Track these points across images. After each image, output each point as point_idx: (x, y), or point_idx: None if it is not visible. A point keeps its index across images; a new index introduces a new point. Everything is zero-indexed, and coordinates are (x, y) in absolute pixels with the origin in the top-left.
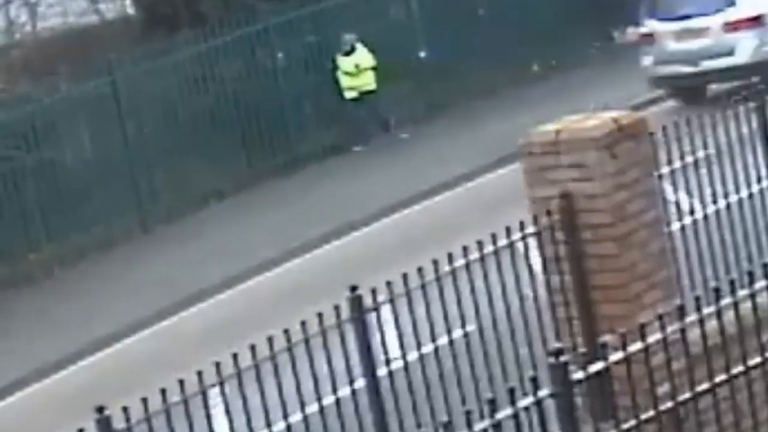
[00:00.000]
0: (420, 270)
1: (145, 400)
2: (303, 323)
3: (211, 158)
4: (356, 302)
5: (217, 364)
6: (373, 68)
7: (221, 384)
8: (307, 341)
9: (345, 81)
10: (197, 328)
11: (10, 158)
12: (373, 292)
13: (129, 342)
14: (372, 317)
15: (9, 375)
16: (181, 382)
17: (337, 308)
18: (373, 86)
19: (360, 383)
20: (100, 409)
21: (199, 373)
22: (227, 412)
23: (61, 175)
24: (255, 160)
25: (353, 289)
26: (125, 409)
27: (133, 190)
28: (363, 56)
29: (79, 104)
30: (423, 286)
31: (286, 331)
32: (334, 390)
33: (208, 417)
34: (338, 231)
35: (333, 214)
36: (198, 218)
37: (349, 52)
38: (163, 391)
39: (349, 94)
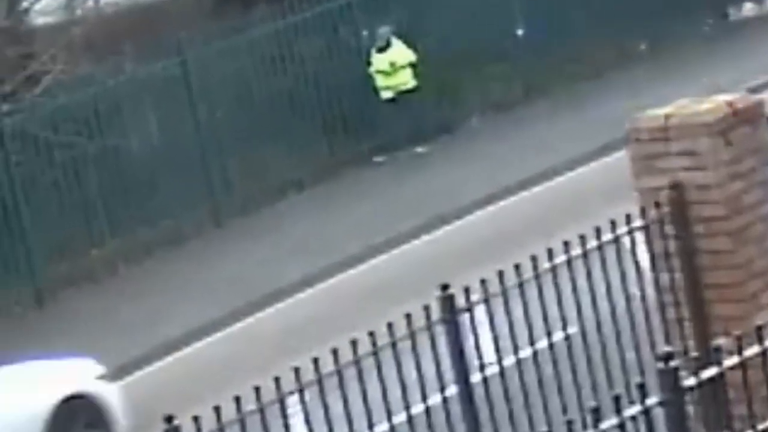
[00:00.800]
0: (517, 267)
1: (217, 409)
2: (390, 325)
3: (289, 145)
4: (448, 302)
5: (296, 370)
6: (412, 65)
7: (301, 391)
8: (394, 345)
9: (379, 80)
10: (274, 330)
11: (71, 145)
12: (466, 291)
13: (200, 345)
14: (465, 318)
15: None
16: (257, 389)
17: (426, 309)
18: (411, 84)
19: (452, 390)
20: (169, 419)
21: (277, 379)
22: (307, 421)
23: (126, 164)
24: (337, 147)
25: (444, 287)
26: (196, 419)
27: (205, 181)
28: (399, 52)
29: (146, 87)
30: (520, 285)
31: (371, 334)
32: (424, 398)
33: (287, 427)
34: (428, 225)
35: (422, 206)
36: (275, 211)
37: (383, 48)
38: (237, 399)
39: (385, 95)
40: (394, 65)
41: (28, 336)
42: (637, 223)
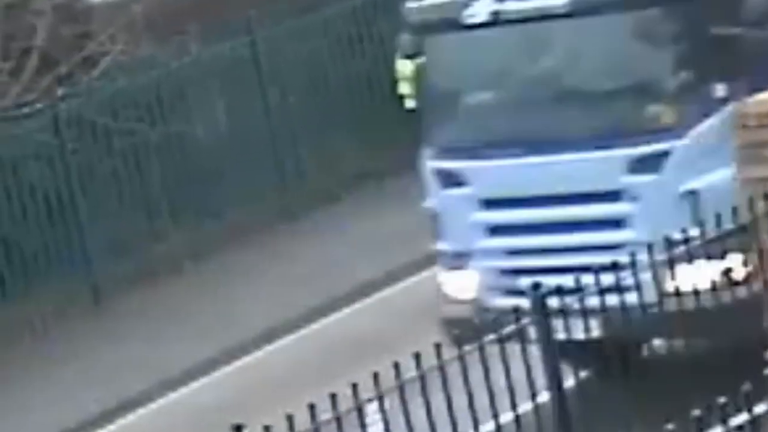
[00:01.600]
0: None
1: (290, 418)
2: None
3: (367, 132)
4: (539, 301)
5: (375, 375)
6: None
7: (380, 398)
8: (481, 348)
9: (403, 87)
10: (351, 333)
11: (132, 132)
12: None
13: (271, 349)
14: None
15: (129, 388)
16: (333, 397)
17: (516, 310)
18: None
19: (543, 397)
20: (238, 428)
21: (354, 386)
22: (387, 430)
23: (190, 153)
24: (420, 135)
25: (536, 286)
26: (267, 429)
27: (276, 171)
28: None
29: (212, 69)
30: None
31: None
32: (513, 405)
33: None
34: None
35: None
36: (352, 203)
37: (412, 55)
38: (312, 407)
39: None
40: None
41: (83, 339)
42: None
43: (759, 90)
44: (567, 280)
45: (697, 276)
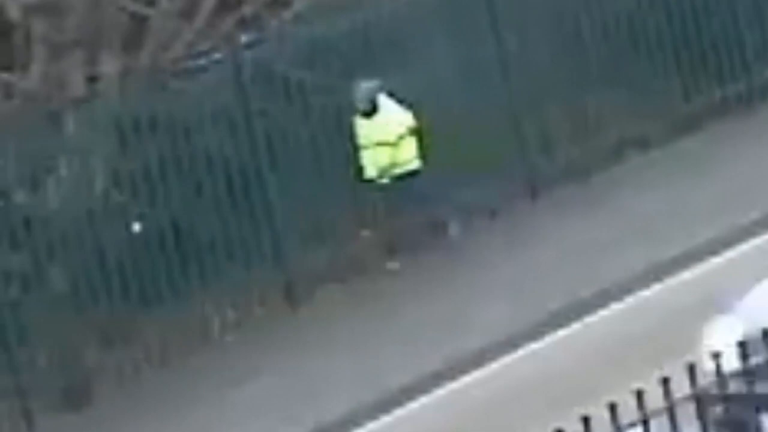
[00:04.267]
0: None
1: None
2: None
3: (629, 91)
4: None
5: (639, 393)
6: (414, 132)
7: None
8: None
9: (366, 155)
10: (613, 337)
11: (331, 90)
12: None
13: (508, 361)
14: None
15: (333, 409)
16: (585, 420)
17: None
18: (413, 164)
19: None
20: None
21: (612, 406)
22: None
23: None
24: (695, 93)
25: None
26: None
27: (516, 138)
28: (390, 118)
29: (433, 13)
30: None
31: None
32: None
33: None
34: None
35: None
36: (609, 178)
37: (369, 113)
38: (586, 420)
39: (371, 173)
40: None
41: (274, 344)
42: None
43: None
44: None
45: None
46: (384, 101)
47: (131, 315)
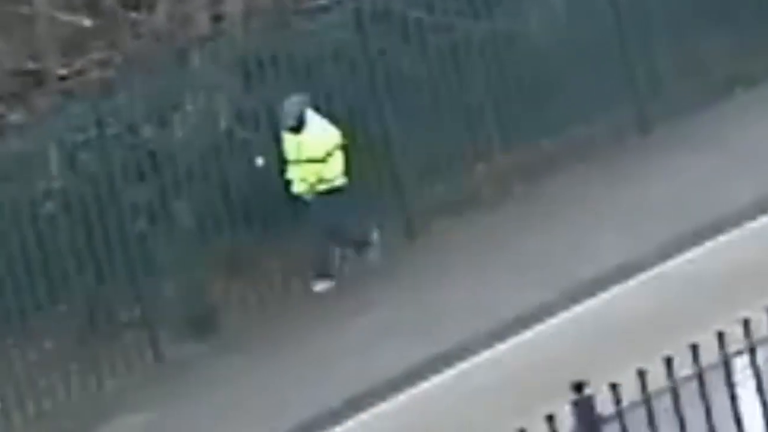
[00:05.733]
0: None
1: (641, 374)
2: None
3: (737, 28)
4: None
5: (746, 322)
6: (341, 147)
7: (752, 350)
8: None
9: (292, 170)
10: (718, 269)
11: (450, 29)
12: None
13: (620, 291)
14: None
15: (449, 338)
16: (694, 348)
17: None
18: (338, 181)
19: None
20: (578, 387)
21: (720, 334)
22: (760, 390)
23: (521, 55)
24: None
25: None
26: (614, 387)
27: (625, 75)
28: (317, 134)
29: None
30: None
31: None
32: None
33: (733, 397)
34: None
35: None
36: (717, 114)
37: (296, 128)
38: (668, 361)
39: (299, 188)
40: (303, 151)
41: (394, 275)
42: None
43: None
44: None
45: None
46: (311, 116)
47: (254, 246)
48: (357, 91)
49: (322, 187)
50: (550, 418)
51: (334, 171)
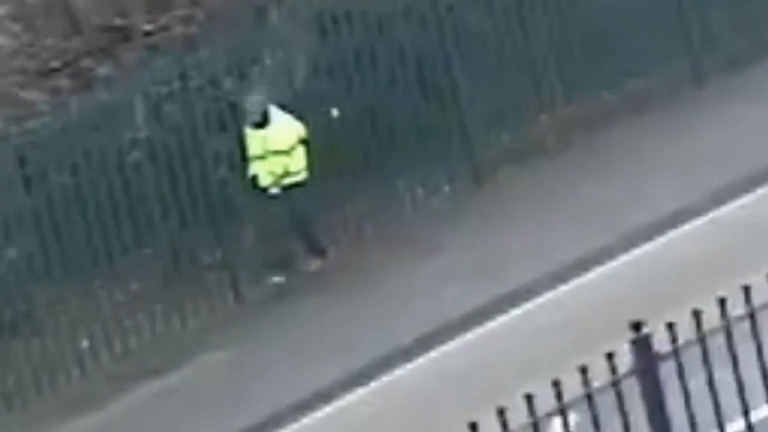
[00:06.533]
0: None
1: (696, 314)
2: None
3: None
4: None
5: None
6: (303, 142)
7: None
8: None
9: (257, 165)
10: (765, 217)
11: None
12: None
13: (672, 235)
14: None
15: (513, 280)
16: (746, 290)
17: None
18: (301, 175)
19: None
20: (637, 326)
21: None
22: None
23: (584, 11)
24: None
25: None
26: (670, 326)
27: (681, 30)
28: (282, 128)
29: None
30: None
31: None
32: None
33: None
34: None
35: None
36: None
37: (260, 123)
38: (722, 301)
39: (265, 181)
40: (268, 147)
41: (461, 220)
42: None
43: None
44: None
45: None
46: (275, 112)
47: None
48: (427, 45)
49: (287, 180)
50: (610, 356)
51: (298, 165)
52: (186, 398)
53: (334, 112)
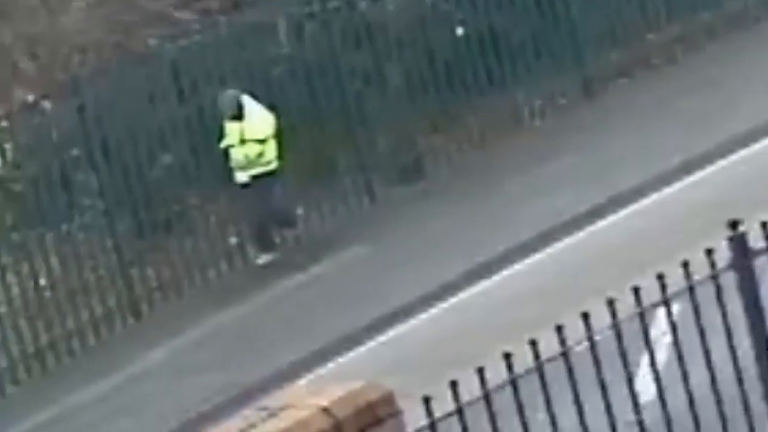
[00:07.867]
0: None
1: None
2: None
3: None
4: None
5: None
6: (275, 136)
7: None
8: None
9: (236, 151)
10: None
11: None
12: None
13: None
14: None
15: (621, 183)
16: None
17: None
18: (272, 165)
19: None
20: (734, 224)
21: None
22: None
23: None
24: None
25: None
26: (764, 225)
27: None
28: (256, 120)
29: None
30: None
31: None
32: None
33: None
34: None
35: None
36: None
37: (237, 116)
38: None
39: (240, 177)
40: (245, 138)
41: (574, 129)
42: None
43: None
44: None
45: None
46: (248, 102)
47: (455, 104)
48: None
49: (262, 165)
50: (709, 252)
51: (271, 155)
52: (325, 290)
53: (459, 31)
